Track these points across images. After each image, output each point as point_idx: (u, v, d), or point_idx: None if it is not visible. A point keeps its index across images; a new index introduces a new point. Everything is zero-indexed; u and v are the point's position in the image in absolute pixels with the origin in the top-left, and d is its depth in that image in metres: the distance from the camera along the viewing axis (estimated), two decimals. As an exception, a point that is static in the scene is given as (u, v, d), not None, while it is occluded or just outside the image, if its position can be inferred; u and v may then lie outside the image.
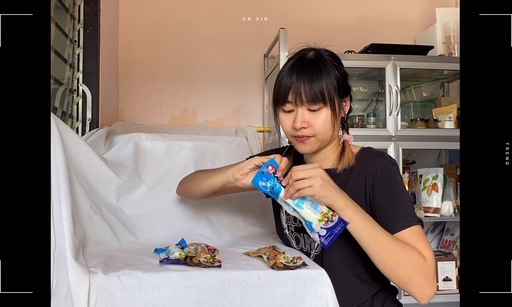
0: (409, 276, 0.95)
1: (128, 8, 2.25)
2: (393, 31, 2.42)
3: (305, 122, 1.06)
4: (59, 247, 0.88)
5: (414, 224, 1.00)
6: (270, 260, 0.98)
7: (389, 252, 0.95)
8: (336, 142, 1.16)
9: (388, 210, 1.02)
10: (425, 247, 0.98)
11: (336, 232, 0.95)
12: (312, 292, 0.93)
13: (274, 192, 1.02)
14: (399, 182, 1.06)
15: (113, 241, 1.20)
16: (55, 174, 0.94)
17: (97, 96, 1.76)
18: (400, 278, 0.96)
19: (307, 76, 1.04)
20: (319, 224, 0.96)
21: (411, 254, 0.96)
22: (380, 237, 0.96)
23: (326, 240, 0.96)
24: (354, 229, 0.97)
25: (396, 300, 1.15)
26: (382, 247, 0.95)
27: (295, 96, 1.05)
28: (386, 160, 1.08)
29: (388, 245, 0.96)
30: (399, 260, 0.95)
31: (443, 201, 1.97)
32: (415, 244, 0.98)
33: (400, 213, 1.01)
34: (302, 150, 1.11)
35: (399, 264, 0.95)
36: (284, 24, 1.92)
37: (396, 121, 1.93)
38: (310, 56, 1.09)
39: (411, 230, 1.00)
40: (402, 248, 0.96)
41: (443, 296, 1.92)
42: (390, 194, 1.04)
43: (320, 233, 0.96)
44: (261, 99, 2.33)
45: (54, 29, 1.52)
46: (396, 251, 0.95)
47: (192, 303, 0.89)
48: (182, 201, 1.48)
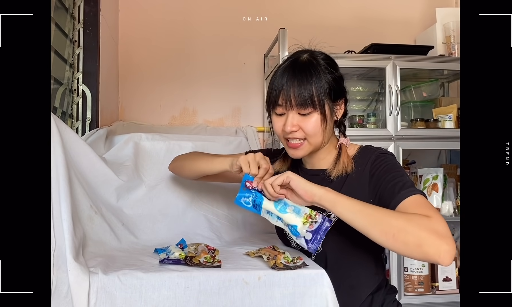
0: (417, 236, 0.85)
1: (128, 8, 2.25)
2: (393, 31, 2.42)
3: (295, 126, 1.05)
4: (59, 247, 0.88)
5: (416, 192, 0.96)
6: (270, 260, 0.98)
7: (385, 220, 0.88)
8: (331, 145, 1.15)
9: (389, 187, 0.99)
10: (429, 210, 0.90)
11: (321, 234, 0.95)
12: (312, 292, 0.93)
13: (256, 204, 1.03)
14: (397, 164, 1.06)
15: (113, 241, 1.19)
16: (55, 174, 0.94)
17: (97, 96, 1.76)
18: (409, 243, 0.86)
19: (297, 81, 1.03)
20: (303, 227, 0.96)
21: (410, 216, 0.88)
22: (370, 208, 0.91)
23: (312, 244, 0.95)
24: (343, 211, 0.92)
25: (396, 299, 1.15)
26: (376, 217, 0.90)
27: (285, 100, 1.04)
28: (381, 151, 1.09)
29: (382, 213, 0.90)
30: (398, 225, 0.87)
31: (443, 201, 1.97)
32: (419, 210, 0.90)
33: (399, 187, 0.98)
34: (293, 156, 1.11)
35: (401, 228, 0.86)
36: (284, 24, 1.92)
37: (396, 121, 1.93)
38: (303, 59, 1.08)
39: (412, 198, 0.95)
40: (398, 213, 0.91)
41: (443, 296, 1.92)
42: (389, 174, 1.02)
43: (306, 237, 0.96)
44: (261, 99, 2.33)
45: (54, 29, 1.52)
46: (393, 216, 0.89)
47: (192, 303, 0.89)
48: (182, 201, 1.48)
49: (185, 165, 1.32)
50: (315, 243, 0.95)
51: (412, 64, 2.00)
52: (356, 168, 1.09)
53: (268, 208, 1.02)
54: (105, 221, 1.21)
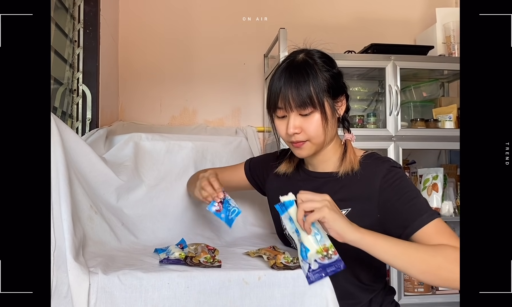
0: (455, 272, 0.88)
1: (128, 8, 2.25)
2: (393, 31, 2.42)
3: (297, 128, 1.04)
4: (59, 247, 0.88)
5: (434, 217, 0.98)
6: (270, 260, 0.98)
7: (424, 259, 0.91)
8: (336, 143, 1.14)
9: (406, 209, 1.00)
10: (451, 238, 0.95)
11: (327, 272, 0.90)
12: (312, 292, 0.93)
13: (229, 218, 1.13)
14: (409, 181, 1.05)
15: (113, 241, 1.19)
16: (55, 174, 0.94)
17: (97, 96, 1.76)
18: (448, 279, 0.90)
19: (294, 82, 1.03)
20: (315, 255, 0.91)
21: (444, 251, 0.91)
22: (408, 249, 0.92)
23: (314, 276, 0.91)
24: (381, 254, 0.92)
25: (394, 300, 1.15)
26: (415, 258, 0.91)
27: (284, 103, 1.04)
28: (391, 164, 1.07)
29: (420, 253, 0.92)
30: (436, 263, 0.91)
31: (443, 201, 1.97)
32: (442, 238, 0.94)
33: (418, 210, 0.99)
34: (299, 155, 1.11)
35: (439, 266, 0.90)
36: (284, 24, 1.92)
37: (396, 121, 1.93)
38: (299, 59, 1.07)
39: (434, 224, 0.97)
40: (432, 249, 0.92)
41: (443, 296, 1.92)
42: (405, 195, 1.01)
43: (311, 265, 0.91)
44: (261, 99, 2.33)
45: (54, 29, 1.52)
46: (430, 253, 0.91)
47: (192, 303, 0.89)
48: (182, 201, 1.48)
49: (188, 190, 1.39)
50: (316, 276, 0.91)
51: (412, 64, 2.00)
52: (362, 174, 1.07)
53: (293, 216, 0.95)
54: (105, 221, 1.21)
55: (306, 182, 1.15)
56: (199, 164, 1.59)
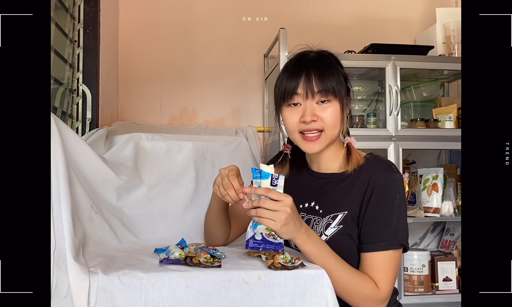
0: (358, 302, 0.99)
1: (128, 8, 2.25)
2: (393, 31, 2.42)
3: (315, 115, 1.05)
4: (59, 247, 0.88)
5: (392, 248, 1.01)
6: (268, 260, 0.98)
7: (341, 285, 0.97)
8: (338, 144, 1.14)
9: (374, 227, 1.02)
10: (385, 279, 1.00)
11: (266, 247, 0.96)
12: (312, 292, 0.92)
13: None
14: (396, 202, 1.04)
15: (113, 241, 1.19)
16: (55, 174, 0.94)
17: (97, 96, 1.76)
18: (349, 302, 1.00)
19: (318, 69, 1.05)
20: (264, 230, 0.96)
21: (364, 288, 0.99)
22: (335, 270, 0.97)
23: (253, 244, 0.97)
24: (312, 259, 0.98)
25: (396, 300, 1.15)
26: (335, 279, 0.96)
27: (306, 88, 1.04)
28: (392, 173, 1.06)
29: (342, 279, 0.98)
30: (350, 293, 0.99)
31: (443, 201, 1.97)
32: (377, 272, 1.00)
33: (382, 234, 1.01)
34: (310, 150, 1.09)
35: (350, 295, 0.99)
36: (284, 24, 1.92)
37: (396, 121, 1.93)
38: (313, 55, 1.10)
39: (385, 254, 1.00)
40: (355, 282, 0.99)
41: (443, 296, 1.92)
42: (382, 213, 1.03)
43: (255, 236, 0.97)
44: (261, 99, 2.33)
45: (54, 29, 1.52)
46: (349, 284, 0.98)
47: (192, 303, 0.88)
48: (182, 201, 1.48)
49: (209, 232, 1.29)
50: (255, 245, 0.96)
51: (412, 64, 2.00)
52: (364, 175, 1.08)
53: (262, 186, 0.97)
54: (105, 221, 1.21)
55: (310, 183, 1.17)
56: (199, 164, 1.59)
